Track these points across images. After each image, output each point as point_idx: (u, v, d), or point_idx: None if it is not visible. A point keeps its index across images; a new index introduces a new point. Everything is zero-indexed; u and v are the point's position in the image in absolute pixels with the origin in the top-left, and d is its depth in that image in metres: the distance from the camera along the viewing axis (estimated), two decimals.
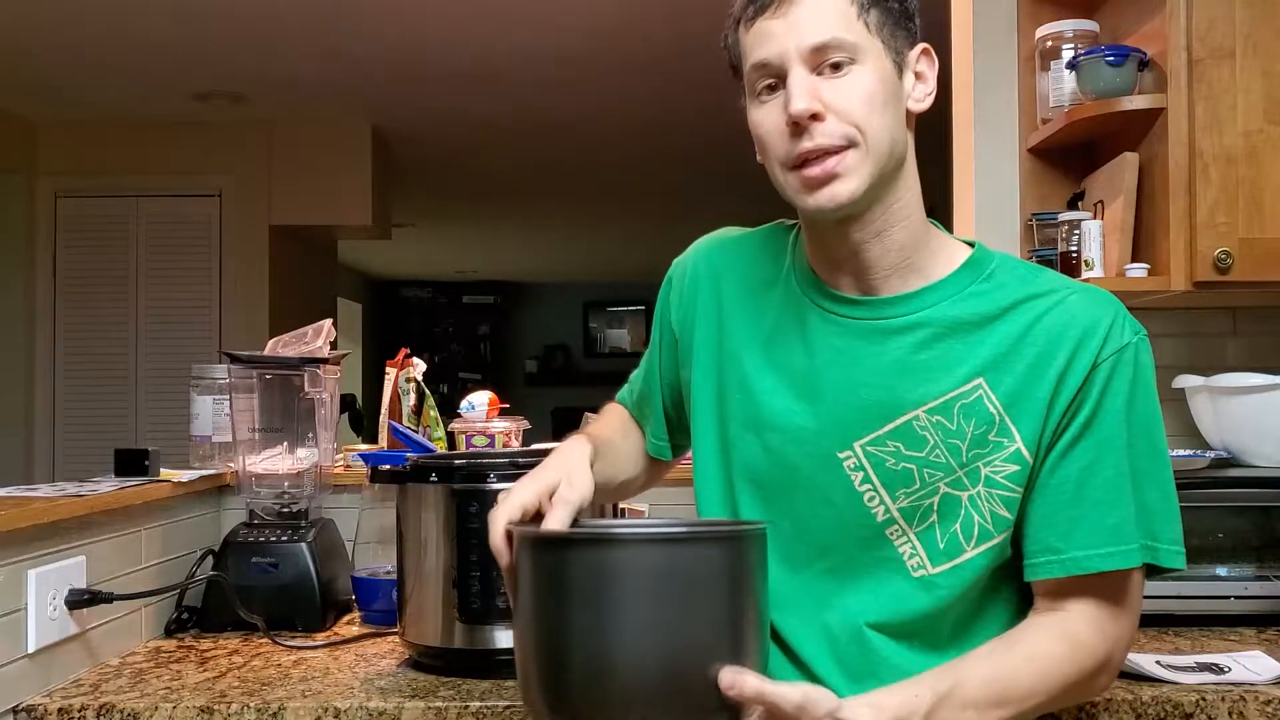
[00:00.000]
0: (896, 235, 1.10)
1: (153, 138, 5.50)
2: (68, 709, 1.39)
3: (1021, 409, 1.06)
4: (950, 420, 1.07)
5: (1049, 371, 1.06)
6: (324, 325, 1.98)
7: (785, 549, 1.13)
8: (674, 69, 4.59)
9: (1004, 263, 1.14)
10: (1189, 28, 1.81)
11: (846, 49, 1.04)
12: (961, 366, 1.08)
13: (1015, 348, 1.08)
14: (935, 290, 1.11)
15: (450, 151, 6.15)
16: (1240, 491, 1.77)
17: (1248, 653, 1.52)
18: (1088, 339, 1.06)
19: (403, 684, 1.48)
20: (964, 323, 1.09)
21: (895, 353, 1.10)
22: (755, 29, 1.06)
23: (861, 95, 1.04)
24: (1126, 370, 1.07)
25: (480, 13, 4.05)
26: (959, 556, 1.08)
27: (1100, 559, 1.05)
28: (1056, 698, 1.05)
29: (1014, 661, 1.04)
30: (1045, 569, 1.07)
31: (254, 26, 4.19)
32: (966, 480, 1.07)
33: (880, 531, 1.09)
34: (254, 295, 5.55)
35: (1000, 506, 1.07)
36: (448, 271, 11.00)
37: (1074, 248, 1.96)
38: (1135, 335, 1.08)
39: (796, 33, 1.04)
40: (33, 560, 1.44)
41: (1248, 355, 2.13)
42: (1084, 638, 1.06)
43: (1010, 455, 1.06)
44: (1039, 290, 1.10)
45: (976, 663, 1.04)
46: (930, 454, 1.08)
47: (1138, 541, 1.06)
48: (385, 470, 1.60)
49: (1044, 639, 1.06)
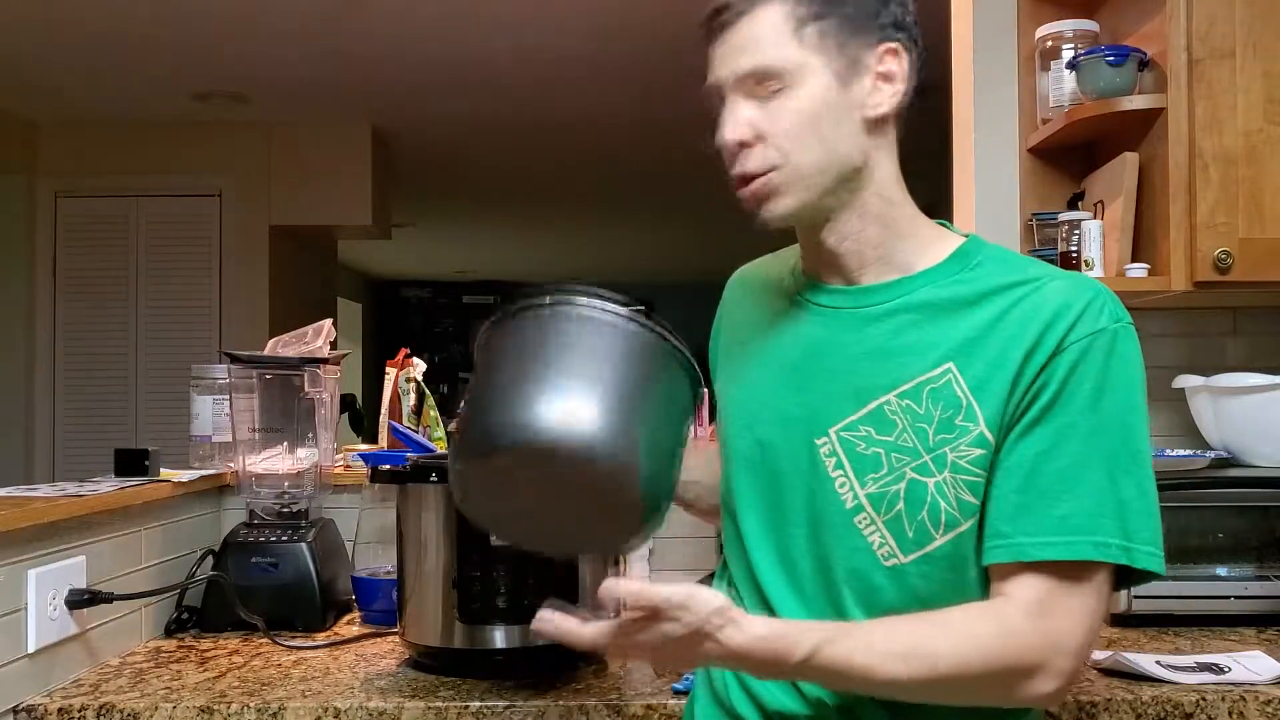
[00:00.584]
0: (870, 234, 1.13)
1: (153, 138, 5.50)
2: (68, 709, 1.39)
3: (987, 392, 1.05)
4: (919, 404, 1.07)
5: (1015, 352, 1.04)
6: (324, 325, 1.98)
7: (778, 541, 1.14)
8: (674, 69, 4.58)
9: (994, 253, 1.13)
10: (1189, 28, 1.81)
11: (774, 74, 1.08)
12: (934, 350, 1.08)
13: (988, 333, 1.07)
14: (918, 278, 1.12)
15: (450, 151, 6.15)
16: (1240, 491, 1.77)
17: (1248, 653, 1.52)
18: (1057, 320, 1.04)
19: (403, 684, 1.48)
20: (939, 307, 1.10)
21: (874, 339, 1.11)
22: (709, 54, 1.12)
23: (788, 119, 1.08)
24: (1097, 356, 1.03)
25: (480, 13, 4.06)
26: (928, 545, 1.06)
27: (1044, 548, 1.01)
28: (980, 679, 1.00)
29: (933, 625, 1.02)
30: (992, 553, 1.04)
31: (254, 26, 4.19)
32: (933, 466, 1.06)
33: (850, 519, 1.09)
34: (254, 295, 5.55)
35: (966, 492, 1.05)
36: (448, 271, 11.00)
37: (1074, 248, 1.96)
38: (1114, 322, 1.04)
39: (730, 60, 1.10)
40: (33, 560, 1.44)
41: (1248, 355, 2.13)
42: (1016, 626, 1.00)
43: (975, 439, 1.05)
44: (1022, 278, 1.09)
45: (892, 620, 1.04)
46: (898, 438, 1.07)
47: (1098, 537, 1.01)
48: (385, 470, 1.60)
49: (970, 614, 1.03)
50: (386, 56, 4.53)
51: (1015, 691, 1.01)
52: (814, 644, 0.98)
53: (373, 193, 5.66)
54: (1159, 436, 2.12)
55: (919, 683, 1.00)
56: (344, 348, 2.11)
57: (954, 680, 1.00)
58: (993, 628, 1.01)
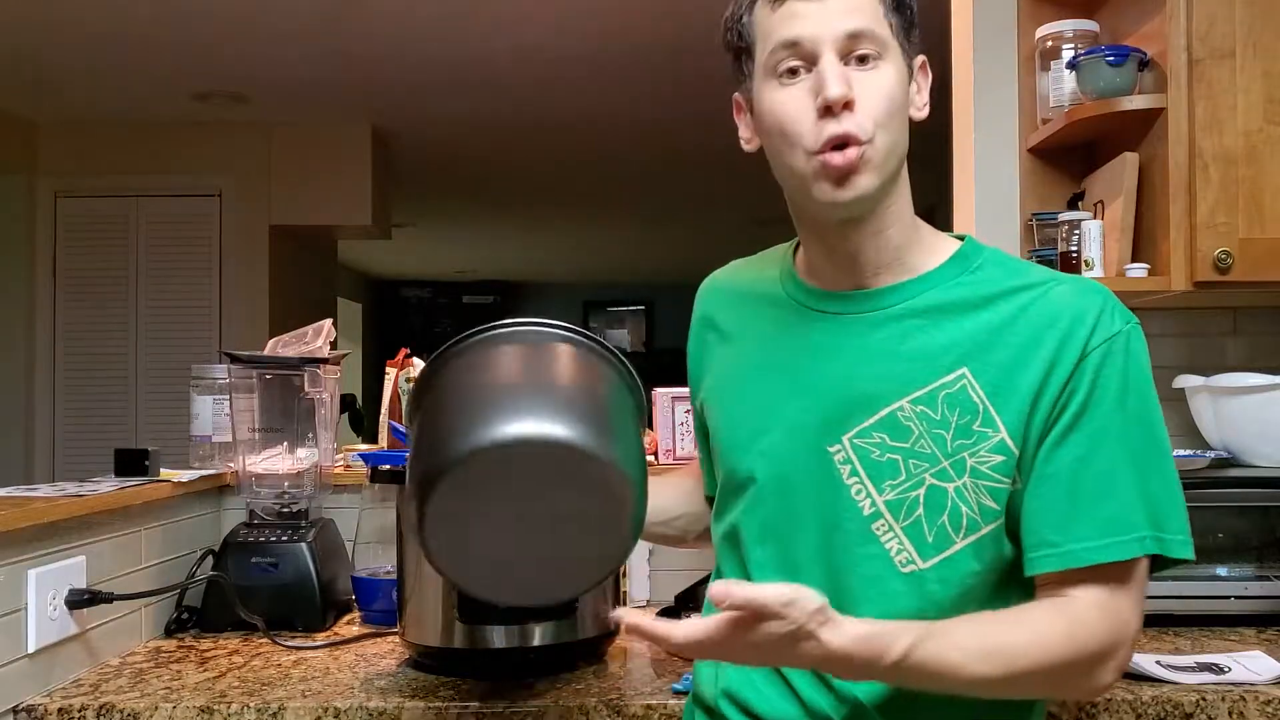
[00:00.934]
0: (891, 235, 1.12)
1: (153, 138, 5.50)
2: (68, 709, 1.39)
3: (1005, 399, 1.06)
4: (935, 410, 1.07)
5: (1035, 361, 1.06)
6: (324, 325, 1.98)
7: (781, 549, 1.13)
8: (674, 69, 4.59)
9: (993, 256, 1.15)
10: (1189, 28, 1.81)
11: (877, 42, 1.05)
12: (945, 356, 1.08)
13: (999, 337, 1.08)
14: (922, 281, 1.12)
15: (450, 151, 6.15)
16: (1240, 491, 1.77)
17: (1248, 653, 1.52)
18: (1076, 328, 1.06)
19: (403, 684, 1.48)
20: (945, 310, 1.10)
21: (882, 344, 1.11)
22: (784, 9, 1.06)
23: (887, 92, 1.05)
24: (1118, 359, 1.05)
25: (480, 13, 4.05)
26: (948, 549, 1.07)
27: (1097, 551, 1.03)
28: (1052, 673, 1.02)
29: (1007, 623, 1.03)
30: (1044, 562, 1.05)
31: (254, 26, 4.19)
32: (952, 471, 1.06)
33: (867, 526, 1.09)
34: (254, 295, 5.55)
35: (987, 498, 1.06)
36: (448, 271, 11.00)
37: (1074, 248, 1.96)
38: (1126, 324, 1.07)
39: (831, 17, 1.04)
40: (33, 560, 1.44)
41: (1248, 355, 2.13)
42: (1085, 618, 1.03)
43: (995, 446, 1.06)
44: (1026, 282, 1.10)
45: (967, 619, 1.04)
46: (915, 444, 1.07)
47: (1138, 533, 1.04)
48: (385, 470, 1.60)
49: (1041, 611, 1.05)
50: (386, 56, 4.53)
51: (1085, 686, 1.05)
52: (909, 644, 0.97)
53: (373, 193, 5.66)
54: None
55: (998, 679, 1.01)
56: (344, 348, 2.11)
57: (1030, 675, 1.02)
58: (1063, 623, 1.03)
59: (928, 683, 1.01)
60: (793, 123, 1.06)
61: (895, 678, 1.00)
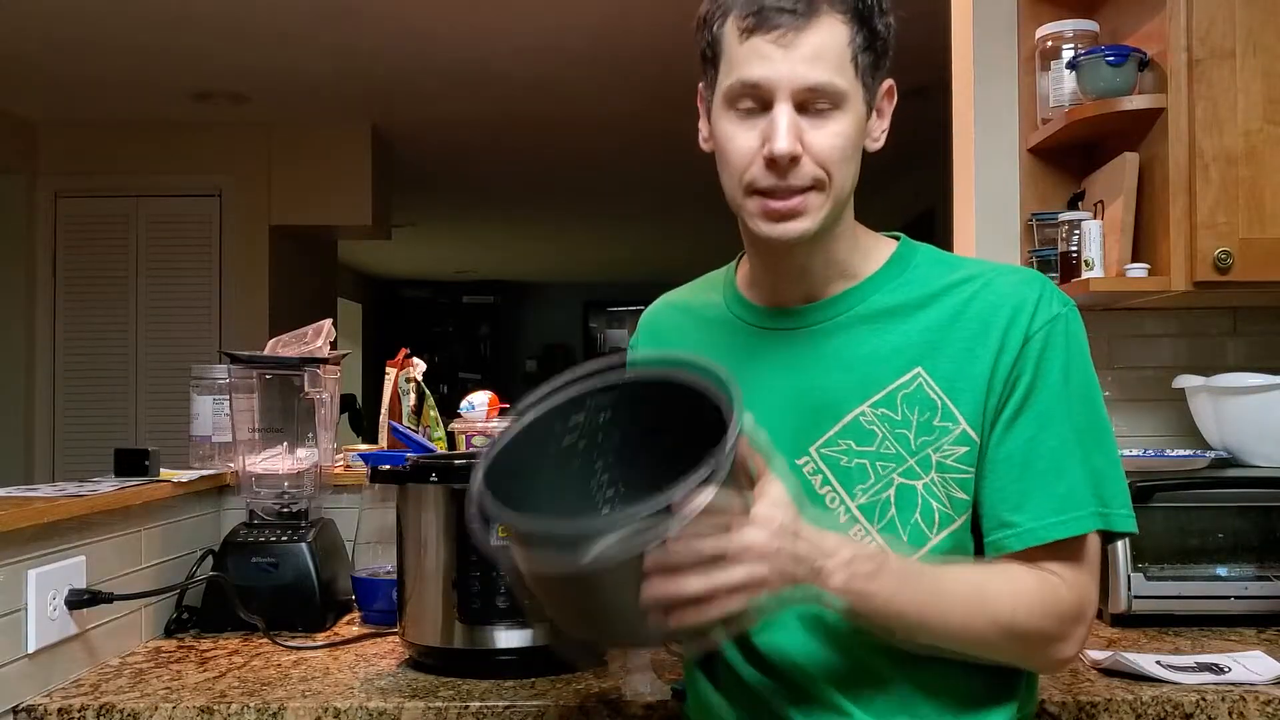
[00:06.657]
0: (836, 249, 1.15)
1: (153, 138, 5.50)
2: (68, 709, 1.39)
3: (961, 391, 1.09)
4: (895, 411, 1.10)
5: (983, 351, 1.09)
6: (324, 325, 1.98)
7: None
8: (674, 69, 4.57)
9: (927, 254, 1.18)
10: (1189, 28, 1.81)
11: (834, 95, 1.04)
12: (898, 357, 1.11)
13: (948, 333, 1.10)
14: (865, 287, 1.15)
15: (450, 151, 6.15)
16: (1240, 491, 1.77)
17: (1248, 653, 1.52)
18: (1018, 315, 1.09)
19: (403, 684, 1.48)
20: (891, 313, 1.13)
21: (836, 354, 1.13)
22: (750, 45, 1.04)
23: (838, 142, 1.06)
24: (1059, 341, 1.09)
25: (480, 13, 4.05)
26: (925, 545, 1.09)
27: (1055, 528, 1.06)
28: (1031, 623, 1.05)
29: (985, 570, 1.08)
30: (1005, 543, 1.08)
31: (254, 26, 4.19)
32: (919, 468, 1.09)
33: (845, 533, 1.09)
34: (254, 295, 5.55)
35: (956, 489, 1.09)
36: (448, 271, 11.00)
37: (1074, 248, 1.96)
38: (1064, 307, 1.11)
39: (794, 67, 1.03)
40: (33, 560, 1.44)
41: (1248, 355, 2.13)
42: (1050, 578, 1.07)
43: (957, 438, 1.08)
44: (965, 275, 1.14)
45: (949, 565, 1.07)
46: (880, 447, 1.10)
47: (1090, 508, 1.07)
48: (385, 470, 1.60)
49: (1013, 565, 1.08)
50: (387, 56, 4.53)
51: (1055, 645, 1.07)
52: (898, 559, 1.02)
53: (373, 193, 5.66)
54: (1158, 436, 2.12)
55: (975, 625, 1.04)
56: (344, 348, 2.11)
57: (1012, 625, 1.04)
58: (1034, 578, 1.07)
59: (903, 606, 1.01)
60: (741, 158, 1.07)
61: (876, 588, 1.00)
